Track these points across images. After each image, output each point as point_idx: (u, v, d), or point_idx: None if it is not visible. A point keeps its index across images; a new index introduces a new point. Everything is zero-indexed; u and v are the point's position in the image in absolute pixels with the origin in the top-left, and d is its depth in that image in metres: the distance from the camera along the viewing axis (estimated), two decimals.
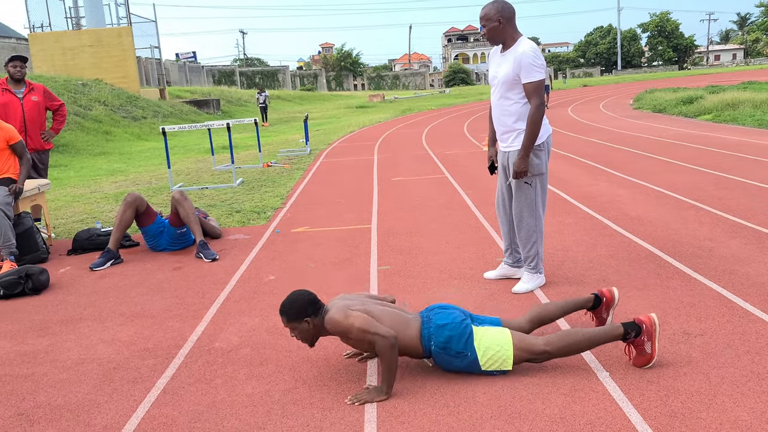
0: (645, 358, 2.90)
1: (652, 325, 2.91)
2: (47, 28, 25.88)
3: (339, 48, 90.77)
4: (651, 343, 2.89)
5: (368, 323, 2.82)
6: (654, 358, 2.87)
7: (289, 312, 2.92)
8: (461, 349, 2.90)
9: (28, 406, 2.92)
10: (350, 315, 2.86)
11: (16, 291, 4.57)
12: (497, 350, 2.89)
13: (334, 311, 2.90)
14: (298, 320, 2.92)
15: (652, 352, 2.88)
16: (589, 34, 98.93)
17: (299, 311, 2.91)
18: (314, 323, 2.93)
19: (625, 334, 2.91)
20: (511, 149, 3.98)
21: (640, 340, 2.90)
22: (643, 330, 2.90)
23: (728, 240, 4.89)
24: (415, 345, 2.95)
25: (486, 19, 3.82)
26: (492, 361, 2.90)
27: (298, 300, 2.93)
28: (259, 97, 27.36)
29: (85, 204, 8.38)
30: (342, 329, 2.85)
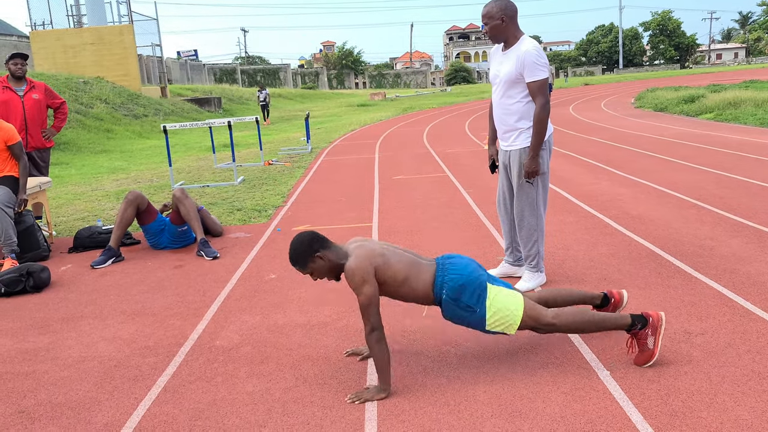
0: (646, 354, 2.89)
1: (659, 320, 2.91)
2: (49, 26, 25.89)
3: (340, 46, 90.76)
4: (654, 338, 2.89)
5: (371, 305, 2.78)
6: (655, 356, 2.87)
7: (296, 258, 2.87)
8: (472, 304, 2.89)
9: (29, 404, 2.93)
10: (367, 283, 2.79)
11: (17, 289, 4.57)
12: (507, 313, 2.89)
13: (356, 262, 2.82)
14: (311, 260, 2.86)
15: (654, 348, 2.88)
16: (591, 33, 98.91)
17: (305, 252, 2.85)
18: (328, 258, 2.87)
19: (632, 324, 2.91)
20: (513, 148, 3.98)
21: (645, 333, 2.90)
22: (649, 323, 2.90)
23: (729, 239, 4.89)
24: (426, 292, 2.92)
25: (488, 17, 3.81)
26: (499, 322, 2.89)
27: (301, 243, 2.87)
28: (260, 96, 27.10)
29: (86, 202, 8.38)
30: (354, 288, 2.81)
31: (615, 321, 2.94)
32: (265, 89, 27.39)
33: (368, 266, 2.82)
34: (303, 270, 2.91)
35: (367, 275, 2.80)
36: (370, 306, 2.79)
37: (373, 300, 2.80)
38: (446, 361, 3.09)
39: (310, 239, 2.88)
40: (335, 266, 2.90)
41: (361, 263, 2.82)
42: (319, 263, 2.88)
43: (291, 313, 3.88)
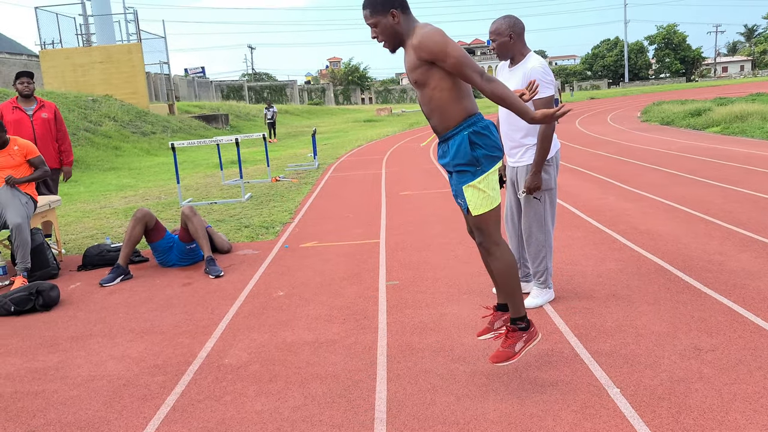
0: (508, 353, 2.87)
1: (536, 335, 2.94)
2: (58, 45, 26.16)
3: (346, 62, 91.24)
4: (523, 346, 2.89)
5: (468, 57, 2.62)
6: (513, 360, 2.86)
7: (374, 1, 2.72)
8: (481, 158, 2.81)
9: (38, 424, 2.93)
10: (450, 39, 2.63)
11: (26, 307, 4.59)
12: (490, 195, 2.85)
13: (432, 27, 2.67)
14: (384, 11, 2.71)
15: (518, 353, 2.87)
16: (596, 47, 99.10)
17: (386, 1, 2.70)
18: (400, 19, 2.72)
19: (520, 318, 2.92)
20: (520, 164, 3.99)
21: (520, 334, 2.90)
22: (529, 330, 2.92)
23: (738, 254, 4.87)
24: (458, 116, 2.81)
25: (497, 34, 3.82)
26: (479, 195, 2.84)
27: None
28: (267, 113, 26.97)
29: (95, 219, 8.43)
30: (436, 48, 2.64)
31: (519, 300, 2.93)
32: (272, 106, 27.30)
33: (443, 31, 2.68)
34: (371, 17, 2.73)
35: (446, 35, 2.66)
36: (466, 56, 2.62)
37: (464, 51, 2.63)
38: (455, 378, 3.08)
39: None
40: (400, 33, 2.75)
41: (437, 28, 2.68)
42: (389, 21, 2.72)
43: (299, 331, 3.87)
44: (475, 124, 2.83)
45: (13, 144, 5.61)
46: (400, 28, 2.73)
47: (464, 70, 2.64)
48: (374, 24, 2.73)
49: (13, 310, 4.57)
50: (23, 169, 5.62)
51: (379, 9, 2.70)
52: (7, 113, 6.41)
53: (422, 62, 2.70)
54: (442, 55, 2.64)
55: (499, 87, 2.64)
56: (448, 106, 2.80)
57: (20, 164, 5.60)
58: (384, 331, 3.77)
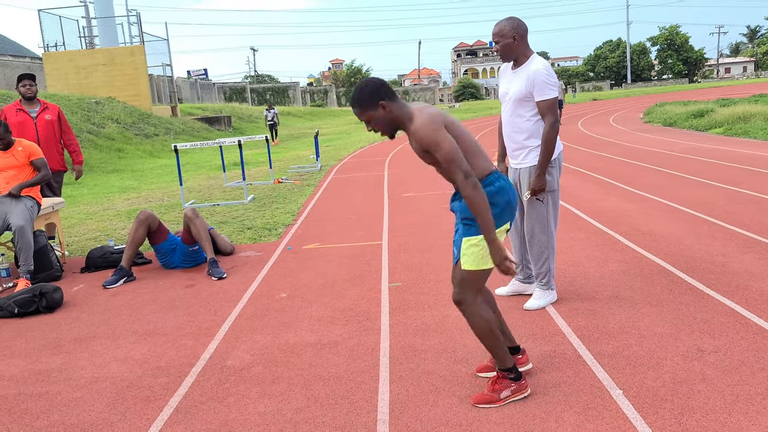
0: (492, 398, 2.81)
1: (525, 389, 2.86)
2: (61, 48, 26.23)
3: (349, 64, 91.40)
4: (509, 396, 2.82)
5: (457, 154, 2.63)
6: (494, 406, 2.79)
7: (361, 98, 2.74)
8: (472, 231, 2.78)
9: (42, 425, 2.94)
10: (443, 133, 2.65)
11: (30, 309, 4.61)
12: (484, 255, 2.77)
13: (426, 118, 2.69)
14: (373, 105, 2.72)
15: (501, 400, 2.80)
16: (599, 48, 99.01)
17: (372, 95, 2.72)
18: (391, 109, 2.74)
19: (510, 370, 2.85)
20: (523, 166, 3.99)
21: (508, 383, 2.83)
22: (519, 383, 2.85)
23: (741, 255, 4.86)
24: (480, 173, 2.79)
25: (500, 36, 3.82)
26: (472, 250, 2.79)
27: (369, 84, 2.75)
28: (267, 114, 26.27)
29: (98, 221, 8.45)
30: (428, 140, 2.66)
31: (504, 355, 2.85)
32: (273, 108, 26.62)
33: (439, 119, 2.69)
34: (362, 114, 2.76)
35: (439, 126, 2.67)
36: (455, 152, 2.63)
37: (456, 146, 2.64)
38: (458, 380, 3.09)
39: (379, 85, 2.74)
40: (396, 119, 2.77)
41: (431, 117, 2.68)
42: (380, 112, 2.74)
43: (302, 333, 3.88)
44: (491, 183, 2.80)
45: (17, 145, 5.64)
46: (394, 115, 2.76)
47: (450, 167, 2.66)
48: (367, 120, 2.77)
49: (16, 312, 4.59)
50: (27, 170, 5.64)
51: (368, 105, 2.74)
52: (11, 116, 6.44)
53: (423, 151, 2.75)
54: (434, 147, 2.67)
55: (477, 196, 2.62)
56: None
57: (24, 165, 5.62)
58: (386, 332, 3.78)
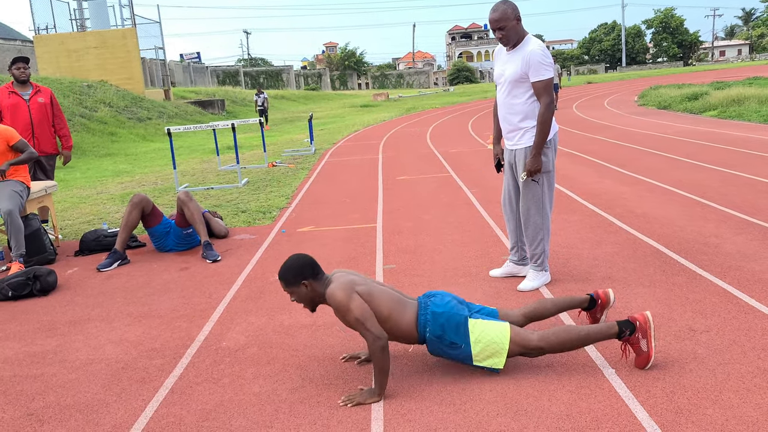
0: (643, 357, 2.87)
1: (646, 322, 2.89)
2: (52, 30, 25.98)
3: (343, 47, 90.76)
4: (647, 340, 2.86)
5: (365, 316, 2.80)
6: (652, 357, 2.85)
7: (286, 275, 2.92)
8: (457, 340, 2.89)
9: (37, 407, 2.95)
10: (353, 300, 2.82)
11: (24, 292, 4.60)
12: (492, 345, 2.87)
13: (338, 286, 2.87)
14: (296, 284, 2.91)
15: (648, 350, 2.85)
16: (593, 31, 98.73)
17: (296, 274, 2.90)
18: (313, 287, 2.92)
19: (620, 332, 2.89)
20: (518, 147, 3.99)
21: (635, 337, 2.88)
22: (637, 327, 2.88)
23: (734, 236, 4.89)
24: (410, 330, 2.94)
25: (505, 20, 3.76)
26: (486, 355, 2.88)
27: (295, 263, 2.92)
28: (257, 99, 25.39)
29: (92, 205, 8.42)
30: (341, 309, 2.83)
31: (603, 332, 2.91)
32: (263, 92, 25.80)
33: (350, 288, 2.87)
34: (286, 289, 2.96)
35: (350, 292, 2.85)
36: (366, 316, 2.80)
37: (366, 310, 2.82)
38: (451, 361, 3.10)
39: (303, 265, 2.92)
40: (317, 296, 2.96)
41: (343, 285, 2.88)
42: (303, 290, 2.93)
43: (296, 314, 3.89)
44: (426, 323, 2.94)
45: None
46: (315, 293, 2.95)
47: (359, 329, 2.81)
48: (290, 293, 2.97)
49: (10, 295, 4.58)
50: (8, 156, 5.52)
51: (292, 282, 2.92)
52: (3, 98, 6.39)
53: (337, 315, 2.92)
54: (344, 311, 2.83)
55: (383, 359, 2.75)
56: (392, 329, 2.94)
57: (3, 152, 5.49)
58: None
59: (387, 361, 2.77)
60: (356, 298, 2.84)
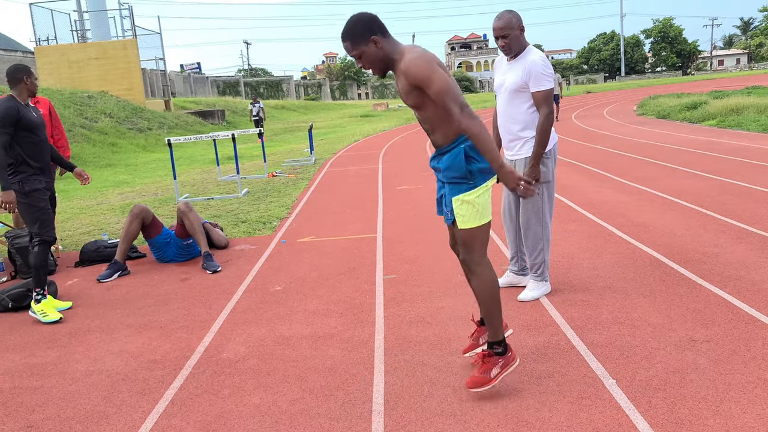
0: (484, 379, 2.80)
1: (513, 360, 2.86)
2: (53, 42, 26.08)
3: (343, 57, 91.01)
4: (500, 372, 2.82)
5: (450, 86, 2.58)
6: (489, 386, 2.79)
7: (353, 30, 2.65)
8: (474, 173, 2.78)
9: (37, 419, 2.94)
10: (434, 66, 2.59)
11: (24, 303, 4.60)
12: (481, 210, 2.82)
13: (417, 53, 2.62)
14: (365, 40, 2.65)
15: (494, 378, 2.80)
16: (592, 41, 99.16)
17: (365, 29, 2.64)
18: (383, 45, 2.67)
19: (498, 342, 2.85)
20: (518, 157, 4.00)
21: (496, 359, 2.83)
22: (506, 355, 2.85)
23: (734, 246, 4.89)
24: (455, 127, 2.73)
25: (509, 28, 3.78)
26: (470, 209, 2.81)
27: (363, 17, 2.66)
28: (252, 109, 25.05)
29: (92, 216, 8.43)
30: (420, 76, 2.60)
31: (499, 324, 2.85)
32: (258, 102, 25.26)
33: (432, 57, 2.64)
34: (353, 48, 2.68)
35: (432, 62, 2.61)
36: (449, 85, 2.59)
37: (448, 79, 2.60)
38: (452, 371, 3.10)
39: (372, 19, 2.66)
40: (387, 57, 2.70)
41: (424, 54, 2.64)
42: (372, 48, 2.67)
43: (297, 325, 3.89)
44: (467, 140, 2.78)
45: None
46: (385, 53, 2.69)
47: (444, 100, 2.60)
48: (358, 55, 2.69)
49: (10, 306, 4.58)
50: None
51: (359, 39, 2.65)
52: None
53: (413, 87, 2.68)
54: (427, 82, 2.61)
55: (475, 125, 2.59)
56: (446, 123, 2.75)
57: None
58: (381, 324, 3.79)
59: (483, 126, 2.60)
60: (439, 69, 2.61)
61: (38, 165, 4.50)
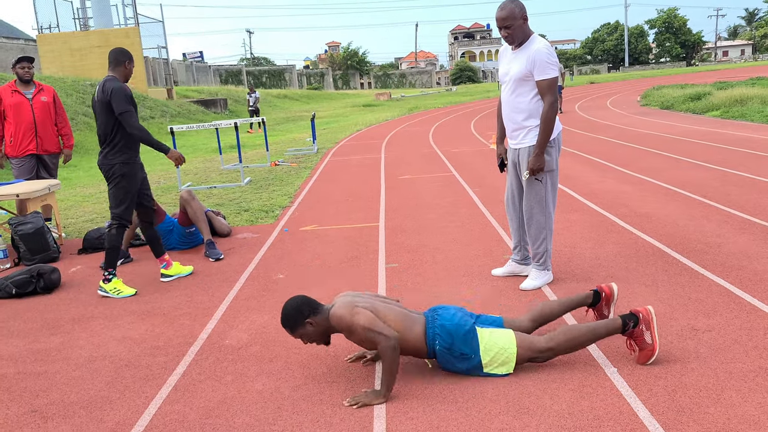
0: (647, 351, 2.89)
1: (649, 314, 2.92)
2: (55, 29, 26.00)
3: (345, 47, 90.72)
4: (650, 332, 2.90)
5: (372, 321, 2.81)
6: (656, 351, 2.87)
7: (288, 321, 2.94)
8: (465, 351, 2.90)
9: (41, 403, 2.96)
10: (356, 312, 2.84)
11: (28, 290, 4.62)
12: (500, 351, 2.89)
13: (340, 306, 2.89)
14: (301, 326, 2.92)
15: (653, 343, 2.88)
16: (596, 31, 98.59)
17: (297, 317, 2.91)
18: (317, 322, 2.92)
19: (624, 325, 2.92)
20: (522, 146, 3.99)
21: (639, 330, 2.90)
22: (640, 319, 2.91)
23: (736, 236, 4.89)
24: (419, 344, 2.94)
25: (512, 18, 3.77)
26: (495, 362, 2.90)
27: (292, 307, 2.93)
28: (249, 99, 24.66)
29: (95, 203, 8.44)
30: (346, 325, 2.85)
31: (608, 327, 2.94)
32: (255, 92, 24.94)
33: (351, 305, 2.89)
34: (293, 334, 2.96)
35: (351, 307, 2.86)
36: (374, 322, 2.81)
37: (370, 315, 2.83)
38: None
39: (302, 305, 2.92)
40: (326, 329, 2.95)
41: (343, 304, 2.90)
42: (309, 329, 2.93)
43: None
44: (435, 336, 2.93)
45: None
46: (321, 326, 2.94)
47: (369, 335, 2.81)
48: (300, 337, 2.96)
49: (14, 292, 4.60)
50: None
51: (296, 326, 2.93)
52: (7, 97, 6.40)
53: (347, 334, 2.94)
54: (352, 327, 2.84)
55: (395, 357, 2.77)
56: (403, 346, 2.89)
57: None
58: None
59: (396, 361, 2.78)
60: (358, 310, 2.85)
61: (137, 147, 4.66)
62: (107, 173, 4.55)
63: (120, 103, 4.43)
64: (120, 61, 4.66)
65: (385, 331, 2.80)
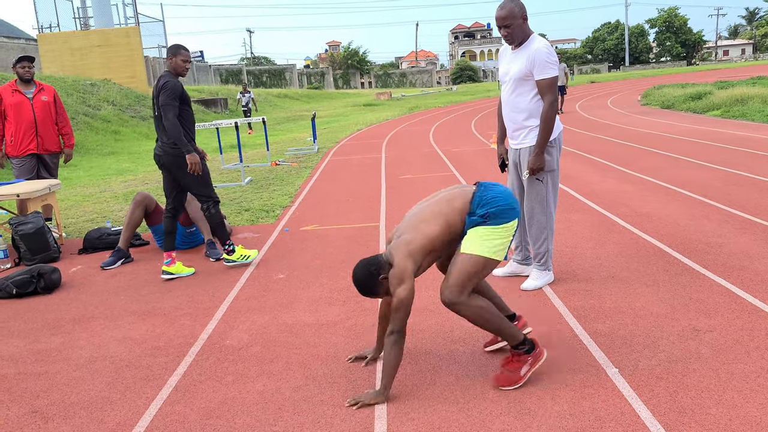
0: (512, 378, 2.80)
1: (541, 355, 2.88)
2: (56, 29, 26.01)
3: (346, 46, 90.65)
4: (528, 369, 2.83)
5: (401, 308, 2.70)
6: (519, 384, 2.79)
7: (365, 289, 2.82)
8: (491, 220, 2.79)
9: (42, 404, 2.96)
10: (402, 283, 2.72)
11: (28, 290, 4.62)
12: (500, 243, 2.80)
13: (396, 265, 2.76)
14: (379, 286, 2.80)
15: (523, 376, 2.81)
16: (597, 30, 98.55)
17: (371, 281, 2.79)
18: (387, 275, 2.79)
19: (521, 343, 2.86)
20: (523, 146, 3.99)
21: (525, 358, 2.84)
22: (534, 352, 2.86)
23: (737, 236, 4.88)
24: (455, 220, 2.82)
25: (512, 18, 3.77)
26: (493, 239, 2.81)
27: (362, 274, 2.80)
28: (242, 98, 24.15)
29: (95, 203, 8.44)
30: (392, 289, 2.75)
31: (512, 331, 2.85)
32: (248, 91, 24.40)
33: (406, 264, 2.75)
34: (378, 297, 2.86)
35: (403, 275, 2.73)
36: (400, 309, 2.72)
37: (405, 303, 2.71)
38: (455, 359, 3.11)
39: (367, 267, 2.80)
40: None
41: (400, 262, 2.75)
42: (386, 284, 2.80)
43: (300, 313, 3.90)
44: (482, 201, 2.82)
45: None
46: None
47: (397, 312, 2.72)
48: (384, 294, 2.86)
49: (14, 292, 4.60)
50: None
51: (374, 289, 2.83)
52: (7, 96, 6.40)
53: None
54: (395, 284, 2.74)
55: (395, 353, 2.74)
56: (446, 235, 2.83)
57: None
58: None
59: (396, 357, 2.72)
60: (406, 283, 2.71)
61: (192, 137, 4.82)
62: (173, 163, 4.71)
63: (165, 96, 4.59)
64: (168, 56, 4.80)
65: (399, 323, 2.71)
